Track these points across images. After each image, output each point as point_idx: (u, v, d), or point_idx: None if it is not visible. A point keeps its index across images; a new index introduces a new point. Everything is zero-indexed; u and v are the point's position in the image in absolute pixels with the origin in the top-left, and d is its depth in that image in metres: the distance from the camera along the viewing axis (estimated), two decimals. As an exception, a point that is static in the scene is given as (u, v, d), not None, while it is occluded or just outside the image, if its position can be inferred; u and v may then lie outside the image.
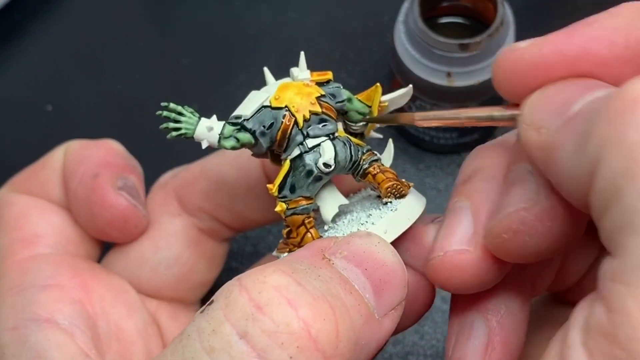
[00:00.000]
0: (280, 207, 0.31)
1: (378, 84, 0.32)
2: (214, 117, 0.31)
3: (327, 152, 0.30)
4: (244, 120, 0.30)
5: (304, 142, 0.31)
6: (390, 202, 0.32)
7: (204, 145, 0.30)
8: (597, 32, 0.26)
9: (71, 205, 0.38)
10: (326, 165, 0.30)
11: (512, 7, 0.48)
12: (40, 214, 0.38)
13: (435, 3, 0.49)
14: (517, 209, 0.27)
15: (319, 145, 0.31)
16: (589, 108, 0.24)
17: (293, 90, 0.31)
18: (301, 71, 0.32)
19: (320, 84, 0.32)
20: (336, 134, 0.31)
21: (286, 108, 0.30)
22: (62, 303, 0.34)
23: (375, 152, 0.33)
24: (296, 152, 0.31)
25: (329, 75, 0.32)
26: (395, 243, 0.31)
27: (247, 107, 0.31)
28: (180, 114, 0.30)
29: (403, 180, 0.33)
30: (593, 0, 0.58)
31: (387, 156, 0.34)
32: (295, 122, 0.30)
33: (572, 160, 0.24)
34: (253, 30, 0.59)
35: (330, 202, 0.32)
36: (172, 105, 0.30)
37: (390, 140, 0.34)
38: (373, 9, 0.59)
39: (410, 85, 0.33)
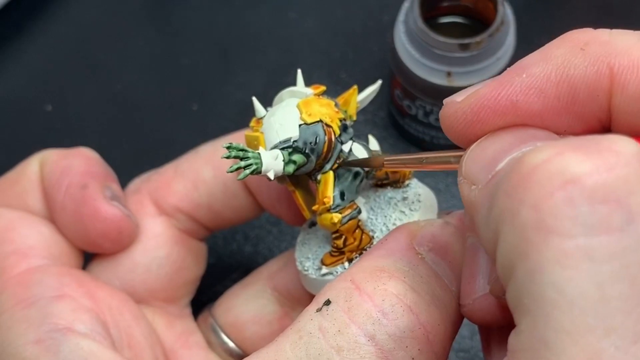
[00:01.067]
0: (336, 218, 0.31)
1: (355, 86, 0.33)
2: (261, 148, 0.30)
3: (361, 154, 0.32)
4: (294, 141, 0.30)
5: (342, 149, 0.31)
6: (407, 190, 0.34)
7: (271, 176, 0.30)
8: (526, 82, 0.25)
9: (57, 218, 0.37)
10: None
11: (512, 7, 0.48)
12: (28, 226, 0.37)
13: (435, 3, 0.49)
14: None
15: (350, 149, 0.32)
16: (504, 169, 0.24)
17: (317, 104, 0.31)
18: (301, 88, 0.32)
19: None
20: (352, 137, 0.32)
21: (321, 121, 0.31)
22: (79, 312, 0.33)
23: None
24: (337, 162, 0.32)
25: (323, 87, 0.33)
26: None
27: (285, 129, 0.31)
28: (243, 150, 0.30)
29: None
30: (593, 0, 0.58)
31: (374, 143, 0.35)
32: (333, 132, 0.31)
33: (483, 227, 0.24)
34: (253, 30, 0.59)
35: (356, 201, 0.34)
36: (234, 144, 0.30)
37: (370, 136, 0.35)
38: (373, 9, 0.59)
39: (379, 81, 0.34)
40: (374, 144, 0.35)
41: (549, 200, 0.21)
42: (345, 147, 0.32)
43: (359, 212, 0.32)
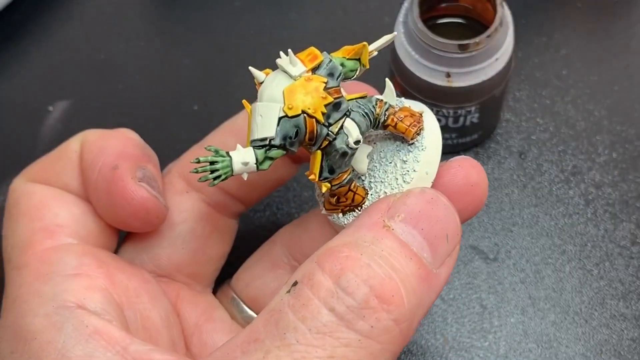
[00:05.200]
0: (325, 187, 0.33)
1: (365, 42, 0.33)
2: (239, 146, 0.31)
3: (353, 131, 0.32)
4: (271, 140, 0.31)
5: (329, 132, 0.31)
6: (410, 151, 0.34)
7: (245, 177, 0.31)
8: None
9: (91, 197, 0.38)
10: (356, 142, 0.32)
11: (512, 8, 0.48)
12: (60, 204, 0.38)
13: (434, 4, 0.49)
14: None
15: (341, 127, 0.32)
16: None
17: (301, 92, 0.31)
18: (294, 66, 0.32)
19: (315, 68, 0.32)
20: (349, 107, 0.32)
21: (303, 113, 0.31)
22: (92, 290, 0.34)
23: (380, 97, 0.34)
24: (325, 142, 0.32)
25: (320, 57, 0.33)
26: None
27: (264, 125, 0.31)
28: (212, 162, 0.31)
29: (415, 113, 0.34)
30: (592, 1, 0.59)
31: (390, 95, 0.34)
32: (317, 121, 0.31)
33: None
34: (253, 30, 0.59)
35: (359, 154, 0.34)
36: (202, 158, 0.30)
37: (387, 80, 0.34)
38: (373, 9, 0.59)
39: (395, 33, 0.34)
40: (390, 91, 0.34)
41: None
42: (334, 128, 0.32)
43: (349, 181, 0.33)
